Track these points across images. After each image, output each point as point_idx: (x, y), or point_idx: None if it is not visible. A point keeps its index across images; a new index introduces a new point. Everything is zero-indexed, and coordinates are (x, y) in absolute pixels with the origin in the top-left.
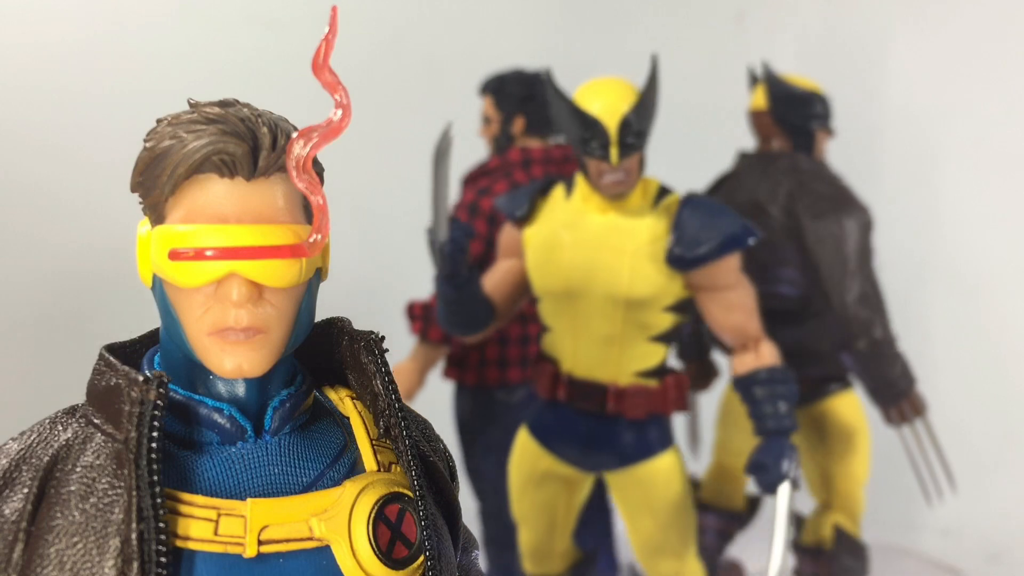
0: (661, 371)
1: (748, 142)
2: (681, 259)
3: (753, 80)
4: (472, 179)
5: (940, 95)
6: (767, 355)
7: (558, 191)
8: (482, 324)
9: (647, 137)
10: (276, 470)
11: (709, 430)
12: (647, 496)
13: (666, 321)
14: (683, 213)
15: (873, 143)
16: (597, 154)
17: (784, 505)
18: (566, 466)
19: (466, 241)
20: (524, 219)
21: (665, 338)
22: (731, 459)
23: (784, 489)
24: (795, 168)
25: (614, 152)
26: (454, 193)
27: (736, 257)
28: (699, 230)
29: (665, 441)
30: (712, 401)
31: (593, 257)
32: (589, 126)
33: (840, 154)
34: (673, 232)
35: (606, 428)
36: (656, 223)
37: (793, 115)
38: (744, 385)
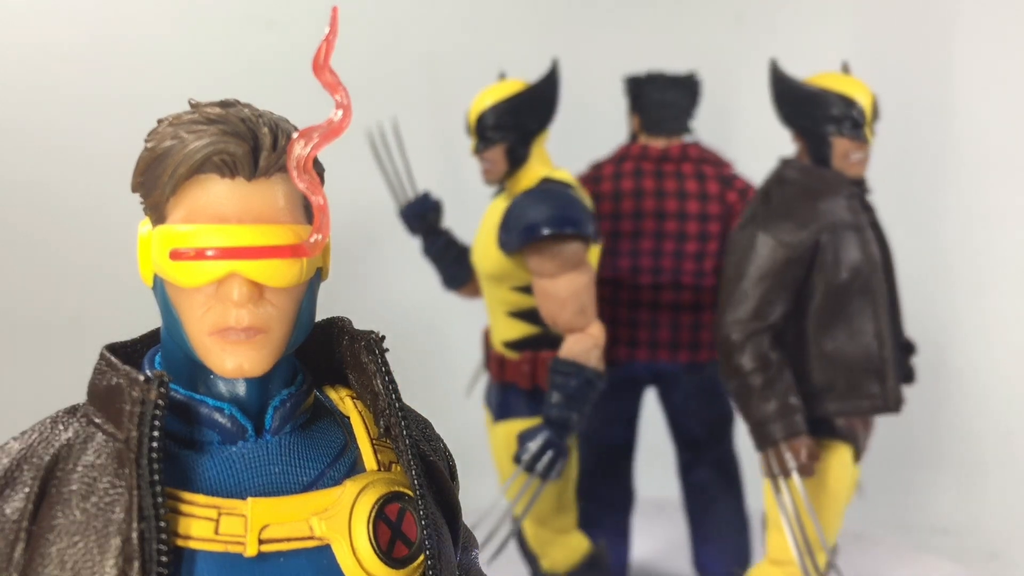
0: (523, 345)
1: (748, 141)
2: (502, 244)
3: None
4: (600, 176)
5: (943, 95)
6: (565, 346)
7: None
8: (458, 282)
9: (510, 131)
10: (277, 469)
11: None
12: (497, 456)
13: (520, 299)
14: (514, 201)
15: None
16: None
17: (509, 482)
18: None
19: (423, 210)
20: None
21: (523, 315)
22: None
23: (516, 470)
24: (775, 176)
25: (472, 144)
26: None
27: (558, 247)
28: (515, 218)
29: (504, 411)
30: None
31: (479, 239)
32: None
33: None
34: (502, 218)
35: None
36: (504, 208)
37: (799, 116)
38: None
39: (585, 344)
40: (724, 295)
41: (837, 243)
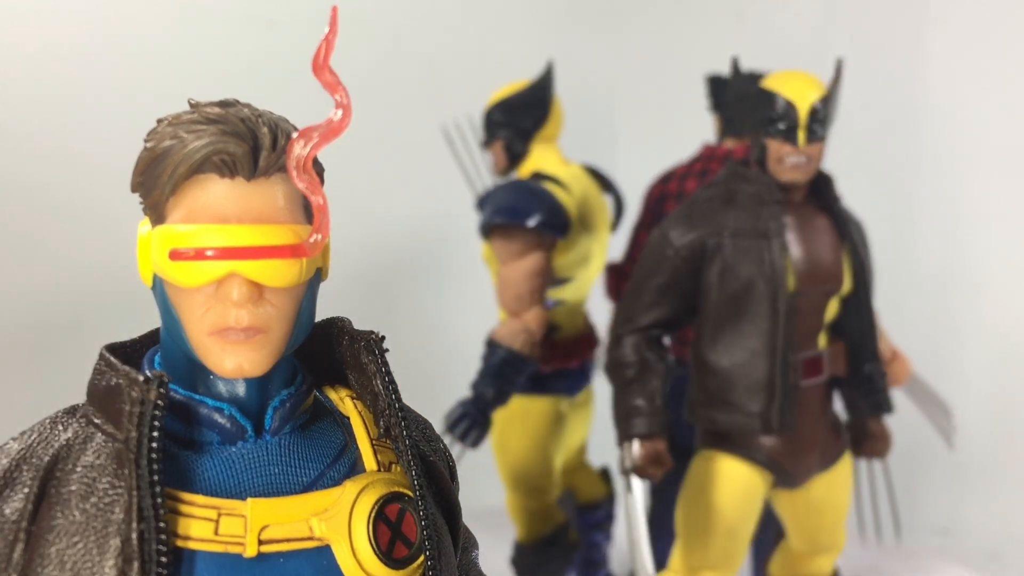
0: None
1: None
2: (479, 230)
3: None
4: (671, 174)
5: (944, 94)
6: (498, 327)
7: None
8: None
9: (506, 128)
10: (276, 470)
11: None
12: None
13: None
14: (487, 191)
15: (867, 143)
16: None
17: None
18: None
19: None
20: None
21: None
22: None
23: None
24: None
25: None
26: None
27: (507, 235)
28: (481, 207)
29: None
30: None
31: None
32: None
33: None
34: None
35: None
36: None
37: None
38: None
39: (514, 328)
40: (624, 290)
41: (729, 251)
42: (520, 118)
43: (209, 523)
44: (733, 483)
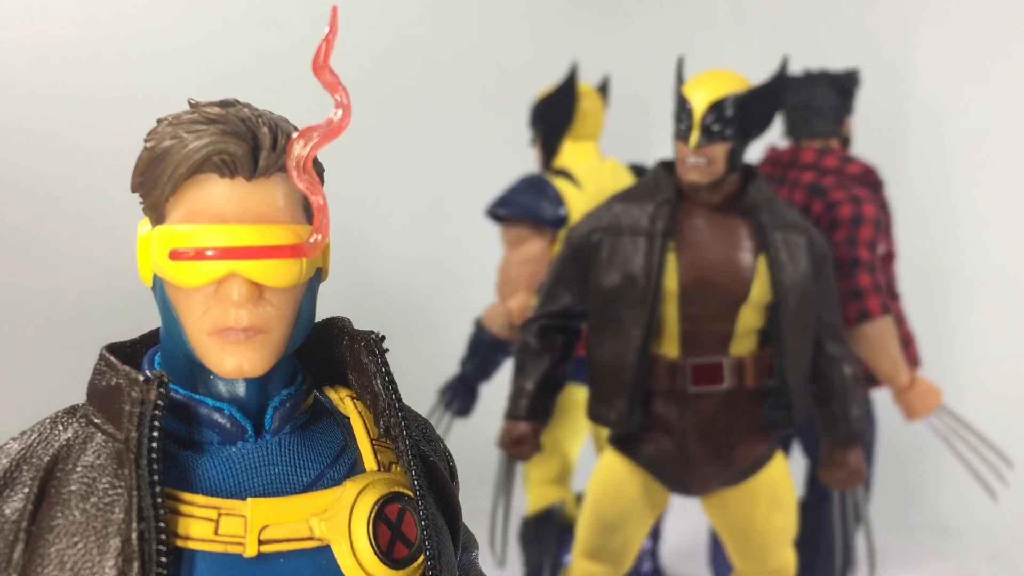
0: None
1: None
2: None
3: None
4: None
5: (953, 95)
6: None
7: None
8: None
9: (540, 127)
10: (276, 470)
11: None
12: None
13: None
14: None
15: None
16: None
17: None
18: None
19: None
20: None
21: None
22: None
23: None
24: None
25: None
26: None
27: (507, 225)
28: None
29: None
30: None
31: None
32: None
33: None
34: None
35: None
36: None
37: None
38: None
39: (495, 311)
40: None
41: (614, 247)
42: (550, 117)
43: (209, 523)
44: (613, 480)
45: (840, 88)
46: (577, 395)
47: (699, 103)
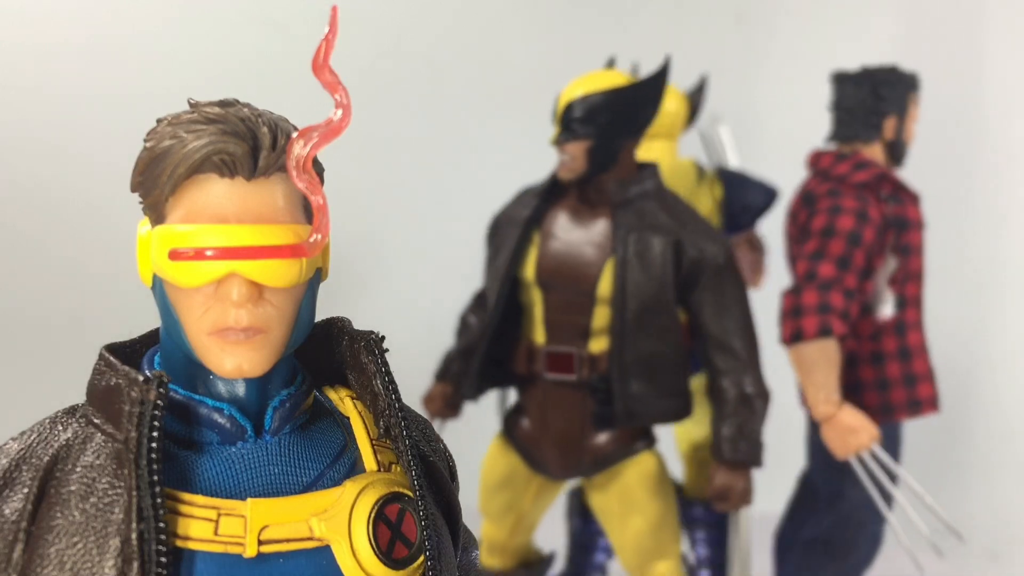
0: None
1: (747, 141)
2: None
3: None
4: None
5: (944, 94)
6: None
7: None
8: None
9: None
10: (276, 470)
11: None
12: None
13: None
14: None
15: None
16: None
17: None
18: None
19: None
20: None
21: None
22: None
23: None
24: None
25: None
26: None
27: None
28: None
29: None
30: None
31: None
32: None
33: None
34: None
35: None
36: None
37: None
38: None
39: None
40: None
41: (502, 235)
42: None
43: (209, 523)
44: (492, 453)
45: (874, 86)
46: None
47: (562, 102)
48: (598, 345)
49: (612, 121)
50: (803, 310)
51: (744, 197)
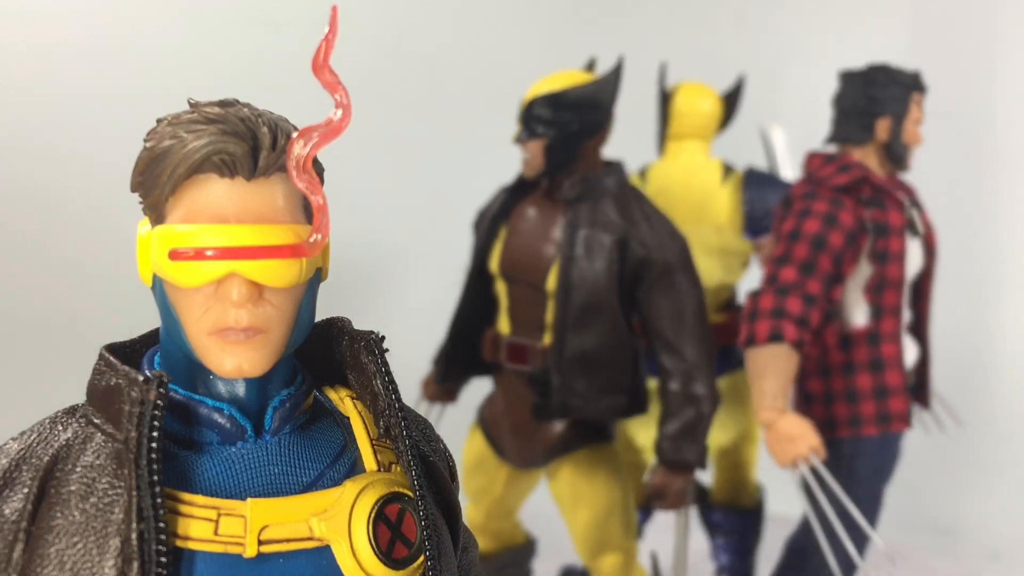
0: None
1: (747, 141)
2: None
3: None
4: None
5: (944, 94)
6: None
7: None
8: None
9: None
10: (276, 470)
11: None
12: None
13: None
14: None
15: None
16: None
17: None
18: None
19: None
20: None
21: None
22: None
23: None
24: None
25: None
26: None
27: None
28: None
29: None
30: None
31: None
32: None
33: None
34: None
35: None
36: None
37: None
38: None
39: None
40: None
41: (477, 230)
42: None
43: (209, 523)
44: (467, 444)
45: (864, 86)
46: None
47: (525, 100)
48: (549, 338)
49: (568, 120)
50: (758, 314)
51: (767, 200)
